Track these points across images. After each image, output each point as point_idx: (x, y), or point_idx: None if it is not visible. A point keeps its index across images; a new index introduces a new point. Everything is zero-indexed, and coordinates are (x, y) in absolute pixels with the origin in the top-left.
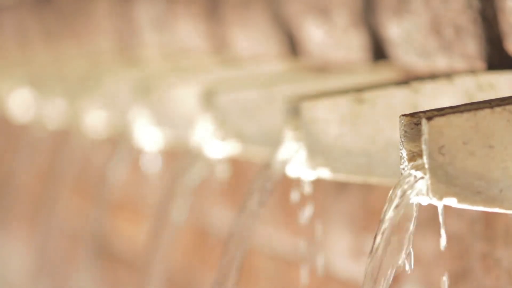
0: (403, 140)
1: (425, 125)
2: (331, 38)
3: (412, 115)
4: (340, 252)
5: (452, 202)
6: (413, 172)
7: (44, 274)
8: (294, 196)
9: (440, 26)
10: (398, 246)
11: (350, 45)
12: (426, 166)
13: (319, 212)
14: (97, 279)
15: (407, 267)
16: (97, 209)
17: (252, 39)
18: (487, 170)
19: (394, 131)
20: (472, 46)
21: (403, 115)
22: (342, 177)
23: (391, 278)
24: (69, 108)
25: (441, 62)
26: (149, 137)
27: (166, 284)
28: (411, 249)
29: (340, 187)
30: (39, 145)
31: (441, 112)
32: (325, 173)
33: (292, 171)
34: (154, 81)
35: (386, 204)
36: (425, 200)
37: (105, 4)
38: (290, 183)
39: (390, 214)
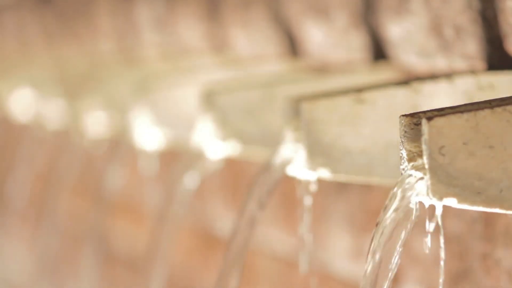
0: (403, 140)
1: (425, 125)
2: (331, 38)
3: (412, 115)
4: (340, 252)
5: (452, 202)
6: (413, 172)
7: (44, 274)
8: (294, 196)
9: (440, 26)
10: (397, 246)
11: (350, 45)
12: (426, 166)
13: (319, 212)
14: (97, 279)
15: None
16: (97, 210)
17: (252, 39)
18: (487, 170)
19: (394, 131)
20: (472, 46)
21: (403, 115)
22: (342, 177)
23: (391, 278)
24: (69, 108)
25: (441, 62)
26: (149, 137)
27: (166, 285)
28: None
29: (340, 187)
30: (39, 145)
31: (441, 112)
32: (325, 174)
33: (292, 172)
34: (154, 81)
35: (386, 205)
36: (425, 201)
37: (105, 4)
38: (290, 184)
39: (389, 214)
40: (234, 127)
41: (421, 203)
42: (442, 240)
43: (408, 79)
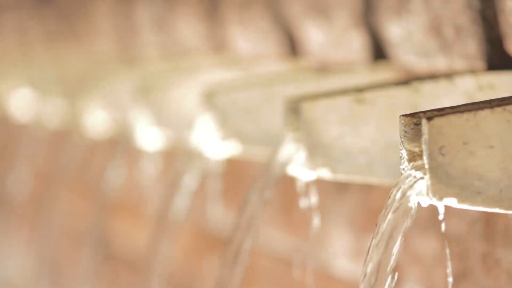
0: (403, 140)
1: (425, 125)
2: (331, 38)
3: (412, 115)
4: (340, 252)
5: (452, 202)
6: (413, 172)
7: (44, 274)
8: (294, 196)
9: (440, 26)
10: (397, 246)
11: (350, 45)
12: (426, 166)
13: (319, 212)
14: (97, 279)
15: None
16: (97, 209)
17: (252, 39)
18: (487, 170)
19: (394, 131)
20: (472, 46)
21: (403, 115)
22: (342, 177)
23: (393, 279)
24: (69, 108)
25: (441, 62)
26: (149, 137)
27: (166, 285)
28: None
29: (340, 187)
30: (39, 145)
31: (441, 112)
32: (325, 174)
33: (292, 171)
34: (154, 81)
35: (386, 205)
36: (425, 201)
37: (105, 4)
38: (290, 184)
39: (390, 214)
40: (234, 127)
41: (421, 203)
42: (444, 240)
43: (408, 79)
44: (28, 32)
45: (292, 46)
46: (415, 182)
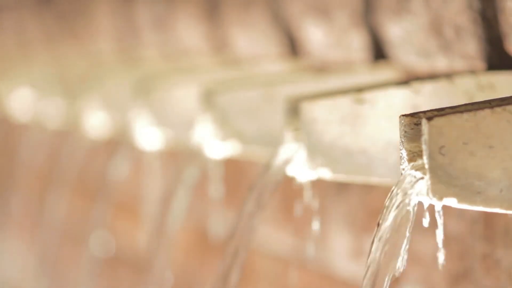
0: (403, 140)
1: (425, 125)
2: (331, 38)
3: (412, 115)
4: (340, 252)
5: (452, 202)
6: (413, 172)
7: (44, 274)
8: (294, 196)
9: (440, 26)
10: (397, 246)
11: (350, 45)
12: (426, 166)
13: (319, 212)
14: (97, 279)
15: (401, 268)
16: (97, 209)
17: (252, 39)
18: (487, 170)
19: (394, 131)
20: (472, 46)
21: (403, 115)
22: (342, 177)
23: (390, 279)
24: (69, 108)
25: (441, 62)
26: (149, 137)
27: (166, 284)
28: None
29: (340, 187)
30: (39, 145)
31: (441, 112)
32: (325, 173)
33: (292, 171)
34: (154, 81)
35: (386, 204)
36: (425, 201)
37: (105, 4)
38: (290, 183)
39: (389, 214)
40: (234, 127)
41: (421, 203)
42: (441, 240)
43: (408, 79)
44: (28, 32)
45: (292, 46)
46: (415, 182)
